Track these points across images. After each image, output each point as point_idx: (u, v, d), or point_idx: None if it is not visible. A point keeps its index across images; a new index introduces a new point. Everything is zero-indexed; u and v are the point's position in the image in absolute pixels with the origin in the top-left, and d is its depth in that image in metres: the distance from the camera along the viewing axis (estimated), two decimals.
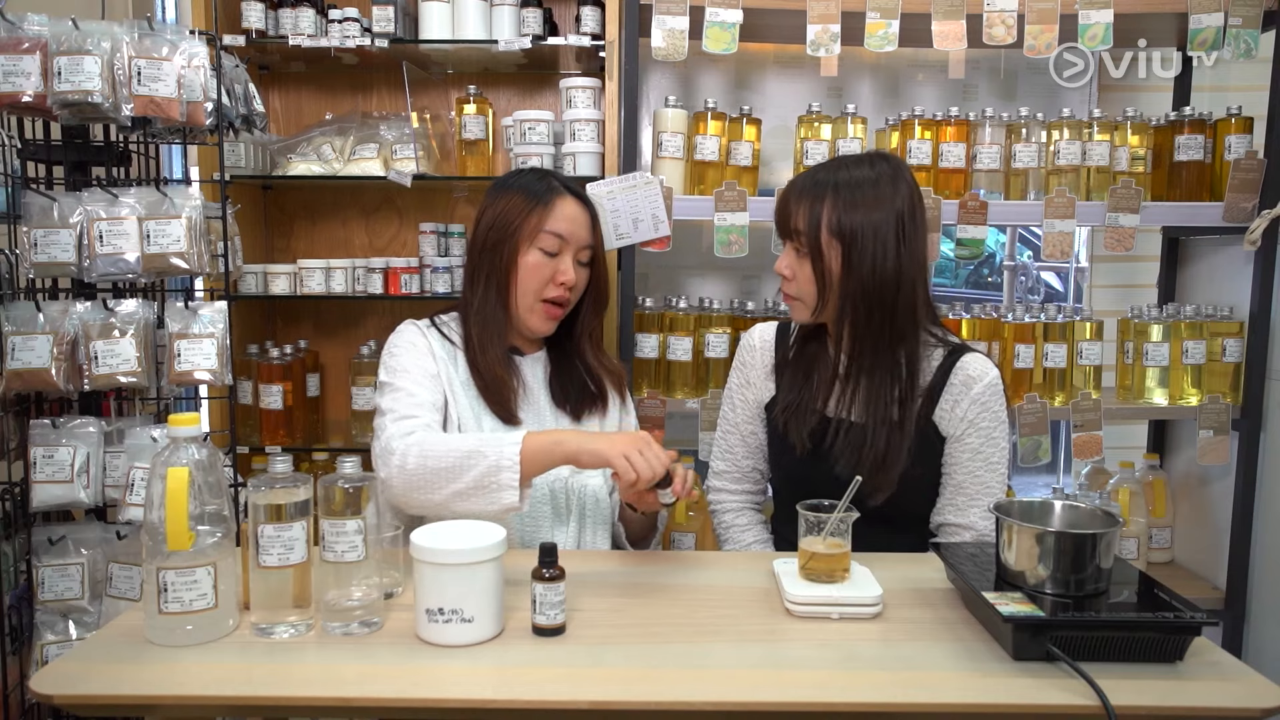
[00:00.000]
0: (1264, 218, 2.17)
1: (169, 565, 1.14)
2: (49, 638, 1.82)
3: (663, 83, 2.69)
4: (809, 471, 1.59)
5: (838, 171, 1.54)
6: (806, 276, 1.55)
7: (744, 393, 1.72)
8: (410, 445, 1.40)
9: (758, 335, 1.73)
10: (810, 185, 1.54)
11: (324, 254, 2.55)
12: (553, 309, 1.61)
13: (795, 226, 1.55)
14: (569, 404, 1.67)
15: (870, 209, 1.50)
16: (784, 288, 1.61)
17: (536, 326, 1.62)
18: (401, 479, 1.39)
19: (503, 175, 1.70)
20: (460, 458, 1.37)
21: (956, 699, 1.05)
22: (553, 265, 1.59)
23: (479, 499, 1.36)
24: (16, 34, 1.69)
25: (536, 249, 1.58)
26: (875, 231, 1.49)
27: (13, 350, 1.72)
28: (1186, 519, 2.52)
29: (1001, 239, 4.18)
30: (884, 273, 1.50)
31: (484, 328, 1.61)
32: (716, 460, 1.77)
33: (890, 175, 1.53)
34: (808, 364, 1.64)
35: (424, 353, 1.59)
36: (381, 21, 2.33)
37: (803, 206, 1.53)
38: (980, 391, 1.57)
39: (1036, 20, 2.13)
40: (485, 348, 1.60)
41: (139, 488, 1.74)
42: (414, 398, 1.53)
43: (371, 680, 1.07)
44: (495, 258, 1.60)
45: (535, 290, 1.59)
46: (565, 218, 1.60)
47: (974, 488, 1.58)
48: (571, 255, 1.61)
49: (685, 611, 1.28)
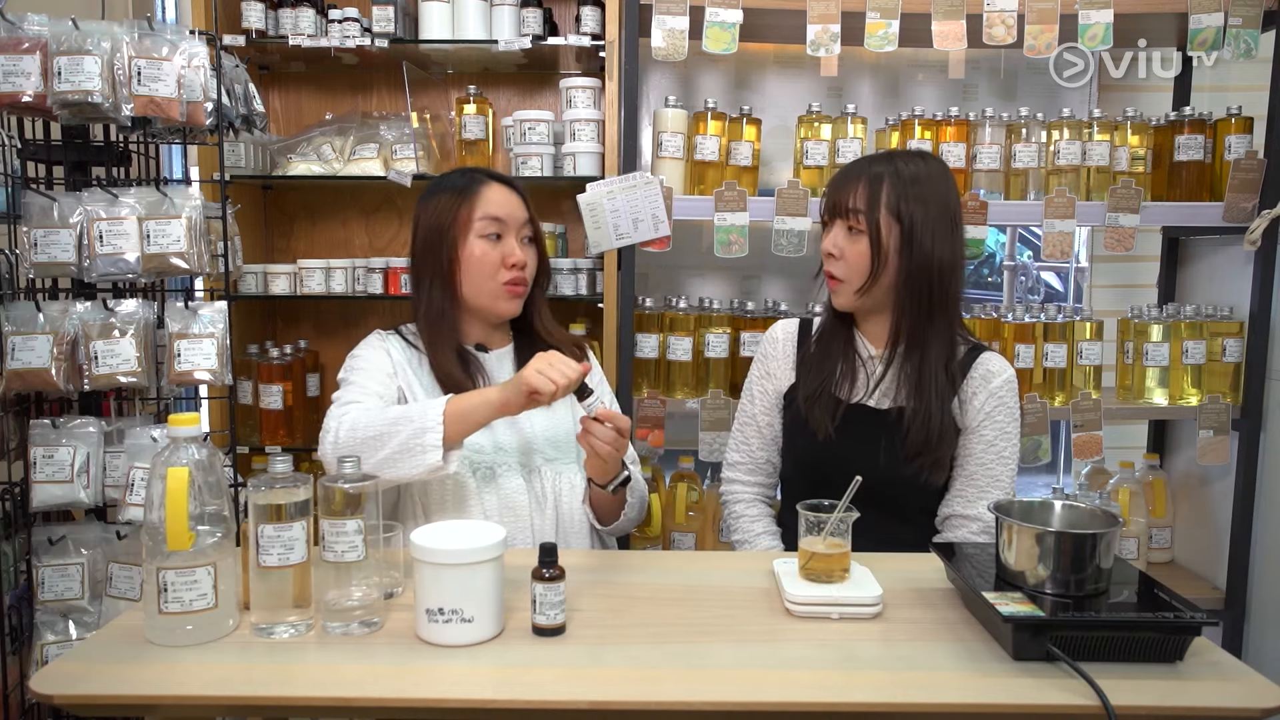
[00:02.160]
0: (1264, 218, 2.17)
1: (169, 565, 1.14)
2: (49, 638, 1.81)
3: (663, 83, 2.69)
4: (825, 457, 1.62)
5: (893, 161, 1.59)
6: (858, 254, 1.58)
7: (764, 384, 1.75)
8: (342, 421, 1.47)
9: (781, 329, 1.77)
10: (867, 168, 1.59)
11: (324, 254, 2.55)
12: (514, 289, 1.65)
13: (852, 205, 1.57)
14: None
15: (928, 196, 1.55)
16: (829, 267, 1.62)
17: (503, 309, 1.67)
18: (333, 453, 1.45)
19: (427, 185, 1.73)
20: (387, 425, 1.43)
21: (956, 699, 1.05)
22: (499, 249, 1.63)
23: (405, 462, 1.41)
24: (16, 34, 1.69)
25: (476, 238, 1.63)
26: (932, 218, 1.55)
27: (13, 350, 1.72)
28: (1186, 519, 2.52)
29: (1001, 239, 4.17)
30: (940, 258, 1.56)
31: (433, 328, 1.65)
32: (732, 452, 1.80)
33: (941, 171, 1.61)
34: (833, 353, 1.67)
35: (380, 354, 1.65)
36: (381, 21, 2.33)
37: (861, 185, 1.57)
38: (999, 386, 1.62)
39: (1036, 20, 2.13)
40: (436, 345, 1.64)
41: (139, 488, 1.73)
42: (363, 389, 1.58)
43: (371, 680, 1.07)
44: (436, 258, 1.64)
45: (489, 275, 1.63)
46: (495, 202, 1.65)
47: (984, 479, 1.60)
48: (514, 236, 1.65)
49: (685, 611, 1.28)
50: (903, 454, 1.57)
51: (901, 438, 1.58)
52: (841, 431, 1.61)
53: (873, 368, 1.65)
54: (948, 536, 1.62)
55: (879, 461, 1.57)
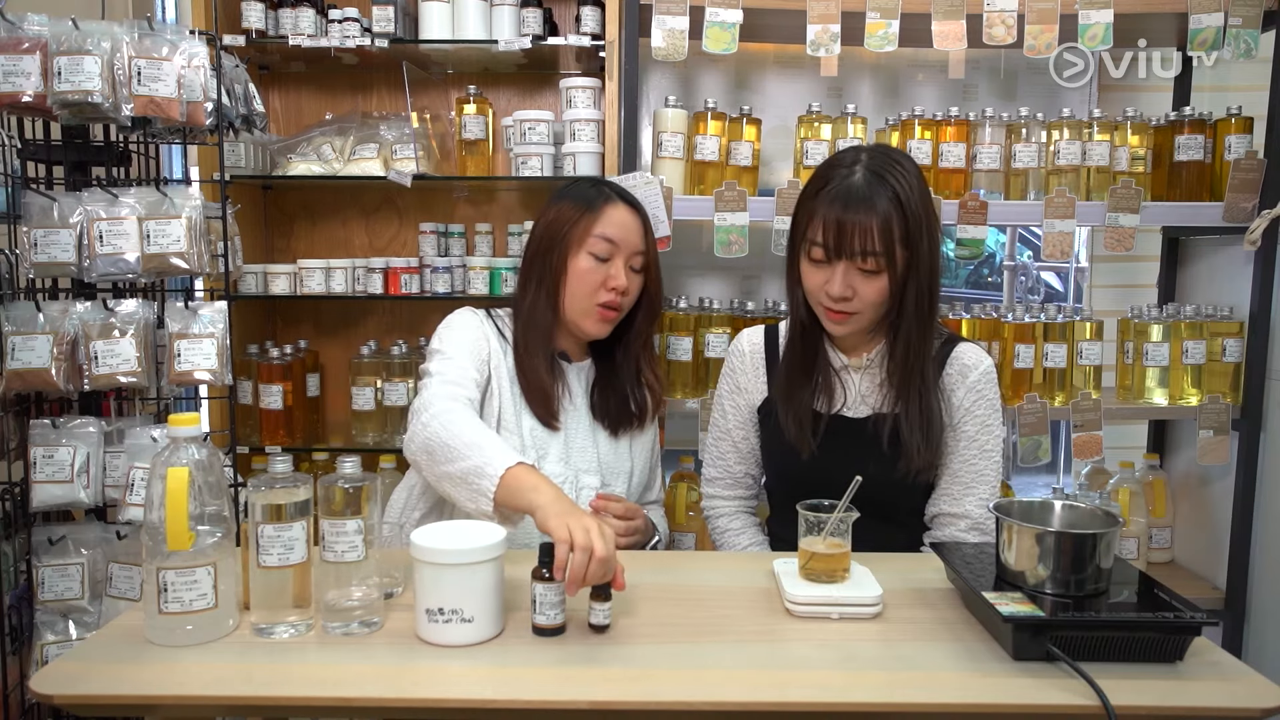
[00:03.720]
0: (1264, 218, 2.17)
1: (169, 565, 1.14)
2: (49, 638, 1.82)
3: (663, 83, 2.69)
4: (810, 473, 1.58)
5: (885, 181, 1.46)
6: (876, 290, 1.49)
7: (735, 399, 1.72)
8: (444, 410, 1.44)
9: (746, 341, 1.73)
10: (865, 198, 1.45)
11: (324, 254, 2.55)
12: (607, 312, 1.64)
13: (869, 248, 1.45)
14: (607, 418, 1.71)
15: (925, 209, 1.49)
16: (840, 306, 1.51)
17: (591, 329, 1.66)
18: (421, 436, 1.43)
19: (562, 185, 1.75)
20: (464, 444, 1.38)
21: (956, 699, 1.05)
22: (604, 270, 1.62)
23: (461, 490, 1.37)
24: (16, 34, 1.69)
25: (586, 253, 1.62)
26: (930, 228, 1.50)
27: (13, 350, 1.72)
28: (1186, 519, 2.52)
29: (1001, 239, 4.18)
30: (936, 266, 1.51)
31: (530, 330, 1.64)
32: (708, 468, 1.78)
33: (915, 168, 1.52)
34: (806, 368, 1.62)
35: (479, 335, 1.63)
36: (381, 21, 2.33)
37: (873, 223, 1.44)
38: (977, 379, 1.59)
39: (1036, 20, 2.13)
40: (530, 349, 1.64)
41: (139, 488, 1.73)
42: (464, 371, 1.56)
43: (371, 680, 1.07)
44: (546, 262, 1.64)
45: (587, 294, 1.62)
46: (615, 223, 1.63)
47: (969, 476, 1.59)
48: (623, 260, 1.64)
49: (685, 611, 1.28)
50: (898, 458, 1.54)
51: (887, 443, 1.55)
52: (823, 445, 1.58)
53: (846, 377, 1.61)
54: (937, 535, 1.61)
55: (866, 469, 1.47)
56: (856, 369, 1.61)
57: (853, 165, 1.49)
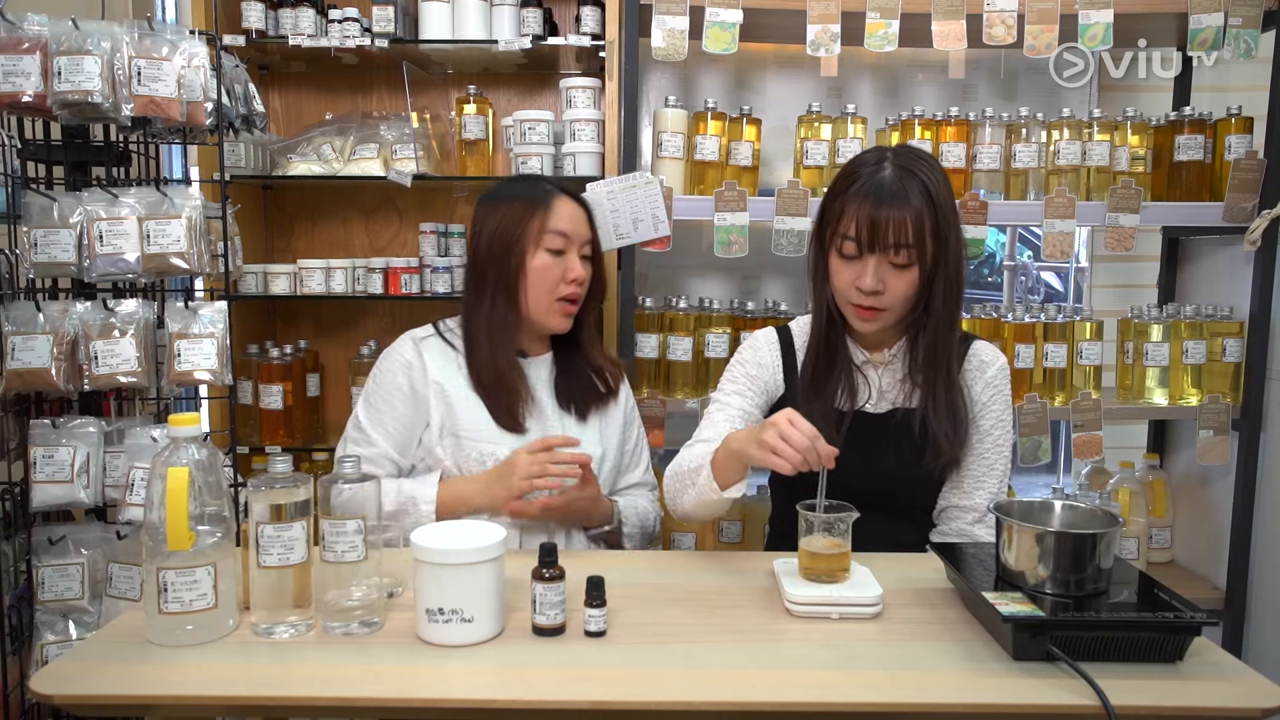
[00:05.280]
0: (1264, 218, 2.17)
1: (169, 565, 1.14)
2: (49, 638, 1.81)
3: (663, 83, 2.69)
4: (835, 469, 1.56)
5: (914, 174, 1.47)
6: (907, 284, 1.49)
7: (752, 383, 1.65)
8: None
9: (763, 339, 1.69)
10: (897, 191, 1.46)
11: (324, 254, 2.55)
12: (567, 306, 1.66)
13: (902, 240, 1.46)
14: (573, 404, 1.70)
15: (949, 202, 1.50)
16: (870, 302, 1.50)
17: (556, 325, 1.67)
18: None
19: (492, 187, 1.73)
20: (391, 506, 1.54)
21: (956, 699, 1.05)
22: (561, 264, 1.64)
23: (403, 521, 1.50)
24: (16, 34, 1.69)
25: (544, 250, 1.63)
26: (955, 223, 1.51)
27: (13, 350, 1.72)
28: (1186, 519, 2.52)
29: (1001, 239, 4.18)
30: (961, 259, 1.53)
31: (493, 334, 1.64)
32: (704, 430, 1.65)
33: (938, 164, 1.54)
34: (830, 366, 1.60)
35: (404, 391, 1.64)
36: (381, 21, 2.33)
37: (906, 216, 1.45)
38: (994, 375, 1.62)
39: (1036, 20, 2.13)
40: (496, 353, 1.63)
41: (139, 488, 1.73)
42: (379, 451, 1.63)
43: (372, 680, 1.07)
44: (502, 265, 1.63)
45: (548, 290, 1.63)
46: (565, 216, 1.64)
47: (980, 468, 1.60)
48: (576, 252, 1.65)
49: (685, 611, 1.28)
50: (917, 452, 1.54)
51: (908, 438, 1.55)
52: (848, 443, 1.55)
53: (869, 373, 1.61)
54: (944, 528, 1.61)
55: (889, 465, 1.55)
56: (878, 365, 1.61)
57: (879, 163, 1.51)
